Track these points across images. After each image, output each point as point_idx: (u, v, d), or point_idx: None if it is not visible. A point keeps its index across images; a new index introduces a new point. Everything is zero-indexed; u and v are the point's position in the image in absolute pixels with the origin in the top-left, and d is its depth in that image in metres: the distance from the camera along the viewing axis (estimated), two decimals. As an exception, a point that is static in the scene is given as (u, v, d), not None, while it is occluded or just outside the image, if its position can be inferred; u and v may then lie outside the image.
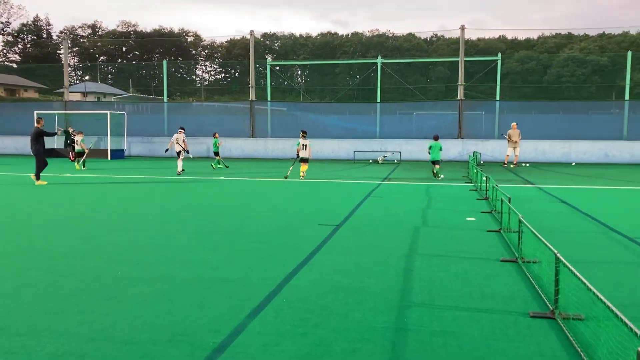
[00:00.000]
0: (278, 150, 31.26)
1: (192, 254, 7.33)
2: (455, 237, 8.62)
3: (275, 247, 7.79)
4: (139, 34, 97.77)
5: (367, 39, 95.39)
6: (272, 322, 4.78)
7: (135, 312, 5.04)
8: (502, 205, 9.17)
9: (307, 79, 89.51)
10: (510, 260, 7.00)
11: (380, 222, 9.92)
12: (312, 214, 10.84)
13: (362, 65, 68.95)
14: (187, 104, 45.76)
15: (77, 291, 5.67)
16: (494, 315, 5.00)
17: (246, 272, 6.45)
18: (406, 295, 5.58)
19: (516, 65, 77.70)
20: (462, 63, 30.70)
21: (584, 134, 28.39)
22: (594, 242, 8.35)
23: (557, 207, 12.14)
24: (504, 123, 29.46)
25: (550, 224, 9.71)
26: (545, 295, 5.46)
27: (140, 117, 36.39)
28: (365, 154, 29.17)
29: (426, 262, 6.95)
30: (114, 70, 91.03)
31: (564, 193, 14.50)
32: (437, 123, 30.92)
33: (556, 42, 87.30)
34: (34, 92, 75.46)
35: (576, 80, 72.48)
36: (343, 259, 7.12)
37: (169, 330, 4.58)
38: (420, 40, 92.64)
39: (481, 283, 6.03)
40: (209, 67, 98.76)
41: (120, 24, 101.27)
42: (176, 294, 5.58)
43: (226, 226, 9.48)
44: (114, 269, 6.57)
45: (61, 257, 7.15)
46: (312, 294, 5.61)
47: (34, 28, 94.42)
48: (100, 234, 8.77)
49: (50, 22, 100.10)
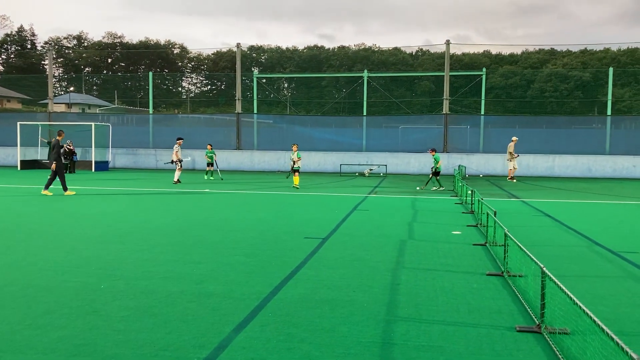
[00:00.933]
0: (264, 163, 31.20)
1: (176, 268, 7.24)
2: (441, 250, 8.63)
3: (261, 261, 7.73)
4: (124, 46, 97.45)
5: (353, 52, 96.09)
6: (258, 337, 4.72)
7: (118, 326, 4.95)
8: (488, 218, 9.21)
9: (294, 91, 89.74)
10: (496, 274, 7.02)
11: (366, 236, 9.91)
12: (298, 227, 10.80)
13: (349, 78, 69.36)
14: (172, 116, 45.58)
15: (58, 306, 5.56)
16: (480, 330, 4.99)
17: (231, 286, 6.38)
18: (393, 309, 5.56)
19: (500, 80, 78.65)
20: (447, 77, 30.99)
21: (567, 149, 28.73)
22: (579, 256, 8.40)
23: (541, 220, 12.22)
24: (488, 137, 29.75)
25: (536, 238, 9.76)
26: (531, 310, 5.47)
27: (125, 128, 36.18)
28: (351, 166, 29.22)
29: (412, 276, 6.94)
30: (99, 81, 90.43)
31: (549, 207, 14.62)
32: (423, 137, 31.13)
33: (539, 58, 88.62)
34: (17, 103, 74.66)
35: (559, 96, 73.51)
36: (329, 272, 7.08)
37: (152, 345, 4.50)
38: (405, 54, 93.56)
39: (467, 297, 6.03)
40: (195, 79, 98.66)
41: (106, 35, 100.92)
42: (160, 308, 5.50)
43: (211, 239, 9.40)
44: (97, 282, 6.46)
45: (42, 271, 7.03)
46: (298, 308, 5.56)
47: (18, 38, 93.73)
48: (83, 247, 8.64)
49: (35, 33, 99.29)
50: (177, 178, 20.76)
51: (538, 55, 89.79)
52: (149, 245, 8.83)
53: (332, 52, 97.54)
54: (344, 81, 76.45)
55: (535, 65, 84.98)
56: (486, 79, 36.42)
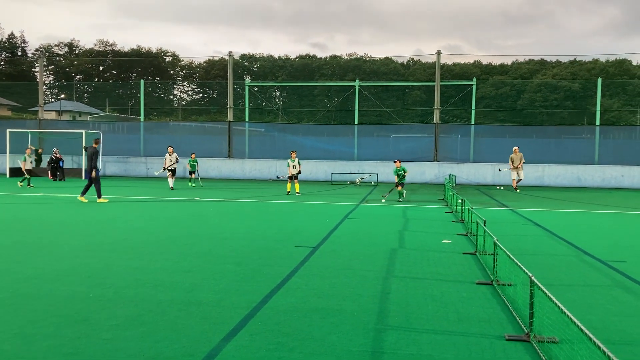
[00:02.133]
0: (255, 171, 31.17)
1: (165, 276, 7.21)
2: (431, 259, 8.66)
3: (251, 269, 7.71)
4: (116, 53, 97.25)
5: (345, 62, 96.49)
6: (248, 346, 4.71)
7: (107, 335, 4.93)
8: (478, 227, 9.25)
9: (286, 100, 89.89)
10: (486, 283, 7.05)
11: (357, 244, 9.92)
12: (288, 236, 10.79)
13: (340, 87, 69.66)
14: (164, 124, 45.47)
15: (47, 314, 5.52)
16: (470, 338, 5.00)
17: (221, 294, 6.37)
18: (383, 318, 5.57)
19: (491, 90, 79.29)
20: (438, 87, 31.19)
21: (557, 158, 28.94)
22: (567, 265, 8.46)
23: (531, 230, 12.30)
24: (479, 146, 29.92)
25: (525, 247, 9.82)
26: (520, 318, 5.50)
27: (116, 136, 35.99)
28: (342, 175, 29.26)
29: (402, 285, 6.95)
30: (90, 89, 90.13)
31: (538, 216, 14.71)
32: (414, 146, 31.26)
33: (529, 68, 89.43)
34: (7, 110, 74.17)
35: (549, 106, 74.16)
36: (320, 281, 7.08)
37: (142, 354, 4.48)
38: (397, 64, 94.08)
39: (457, 306, 6.05)
40: (186, 87, 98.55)
41: (97, 43, 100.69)
42: (149, 317, 5.47)
43: (201, 248, 9.37)
44: (86, 291, 6.42)
45: (30, 279, 6.97)
46: (288, 317, 5.56)
47: (9, 45, 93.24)
48: (71, 255, 8.59)
49: (25, 40, 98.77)
50: (170, 185, 21.95)
51: (528, 65, 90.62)
52: (138, 253, 8.79)
53: (324, 61, 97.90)
54: (336, 90, 76.75)
55: (525, 76, 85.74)
56: (477, 89, 36.73)
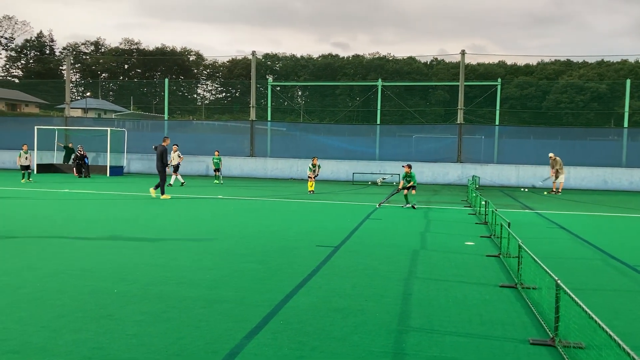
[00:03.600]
0: (277, 170, 31.28)
1: (188, 273, 7.28)
2: (454, 261, 8.58)
3: (273, 268, 7.74)
4: (141, 52, 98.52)
5: (367, 61, 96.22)
6: (269, 344, 4.73)
7: (132, 331, 4.99)
8: (502, 230, 9.15)
9: (308, 99, 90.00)
10: (510, 286, 6.96)
11: (378, 245, 9.89)
12: (309, 235, 10.80)
13: (363, 87, 69.43)
14: (187, 122, 45.93)
15: (73, 309, 5.61)
16: (493, 342, 4.95)
17: (243, 292, 6.40)
18: (404, 320, 5.54)
19: (515, 90, 78.30)
20: (462, 87, 30.92)
21: (582, 160, 28.47)
22: (594, 269, 8.32)
23: (556, 233, 12.12)
24: (503, 148, 29.58)
25: (550, 250, 9.68)
26: (545, 322, 5.42)
27: (140, 134, 36.47)
28: (364, 175, 29.19)
29: (425, 286, 6.91)
30: (115, 87, 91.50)
31: (563, 219, 14.49)
32: (437, 146, 31.05)
33: (555, 69, 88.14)
34: (35, 107, 75.72)
35: (575, 107, 72.99)
36: (341, 281, 7.08)
37: (165, 351, 4.52)
38: (420, 64, 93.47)
39: (480, 308, 5.99)
40: (210, 86, 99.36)
41: (122, 41, 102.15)
42: (172, 314, 5.53)
43: (223, 246, 9.43)
44: (110, 287, 6.51)
45: (56, 274, 7.09)
46: (310, 316, 5.56)
47: (37, 44, 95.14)
48: (96, 251, 8.72)
49: (53, 39, 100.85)
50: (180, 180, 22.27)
51: (554, 66, 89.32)
52: (162, 250, 8.88)
53: (347, 61, 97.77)
54: (358, 90, 76.55)
55: (550, 76, 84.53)
56: (501, 89, 36.29)
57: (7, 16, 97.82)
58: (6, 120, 43.51)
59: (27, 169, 23.42)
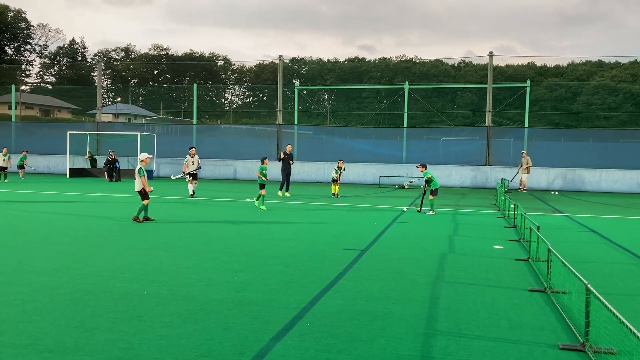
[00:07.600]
0: (303, 173, 31.35)
1: (216, 276, 7.37)
2: (482, 265, 8.50)
3: (300, 271, 7.78)
4: (170, 58, 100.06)
5: (394, 64, 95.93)
6: (296, 346, 4.76)
7: (161, 332, 5.08)
8: (531, 233, 9.03)
9: (334, 103, 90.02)
10: (539, 290, 6.87)
11: (406, 248, 9.85)
12: (336, 238, 10.82)
13: (389, 90, 69.15)
14: (215, 127, 46.40)
15: (104, 310, 5.74)
16: (522, 346, 4.89)
17: (270, 294, 6.45)
18: (432, 323, 5.51)
19: (545, 92, 77.03)
20: (490, 89, 30.57)
21: (615, 163, 27.83)
22: (626, 274, 8.14)
23: (587, 236, 11.89)
24: (532, 150, 29.11)
25: (580, 254, 9.51)
26: (575, 327, 5.33)
27: (169, 138, 36.96)
28: (391, 178, 29.07)
29: (453, 290, 6.86)
30: (145, 92, 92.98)
31: (594, 222, 14.21)
32: (465, 149, 30.72)
33: (586, 70, 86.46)
34: (68, 113, 77.51)
35: (607, 108, 71.43)
36: (368, 284, 7.07)
37: (194, 351, 4.60)
38: (447, 66, 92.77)
39: (509, 313, 5.92)
40: (237, 90, 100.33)
41: (152, 47, 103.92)
42: (201, 315, 5.61)
43: (251, 248, 9.51)
44: (140, 288, 6.64)
45: (88, 276, 7.26)
46: (337, 319, 5.58)
47: (70, 51, 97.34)
48: (127, 253, 8.89)
49: (85, 45, 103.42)
50: (190, 191, 18.61)
51: (585, 67, 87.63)
52: (190, 252, 9.01)
53: (373, 64, 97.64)
54: (385, 93, 76.31)
55: (581, 77, 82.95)
56: (530, 91, 35.73)
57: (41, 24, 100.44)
58: (41, 126, 44.64)
59: (3, 170, 25.83)
